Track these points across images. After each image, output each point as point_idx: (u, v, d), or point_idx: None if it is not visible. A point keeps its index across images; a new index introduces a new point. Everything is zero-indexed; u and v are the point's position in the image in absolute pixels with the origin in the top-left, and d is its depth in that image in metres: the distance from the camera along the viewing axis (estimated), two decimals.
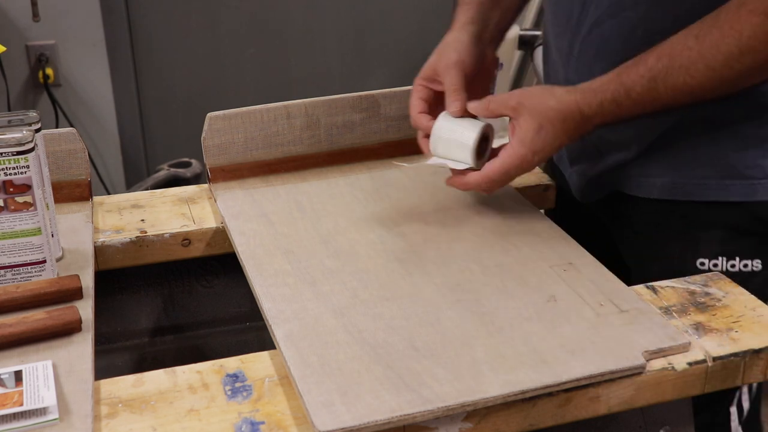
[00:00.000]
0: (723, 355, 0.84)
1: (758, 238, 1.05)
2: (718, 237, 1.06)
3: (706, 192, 1.05)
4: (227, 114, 1.19)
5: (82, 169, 1.15)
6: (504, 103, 1.02)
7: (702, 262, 1.06)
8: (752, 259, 1.05)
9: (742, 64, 0.92)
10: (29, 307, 0.90)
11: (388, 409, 0.74)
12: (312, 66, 3.02)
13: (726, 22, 0.92)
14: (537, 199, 1.22)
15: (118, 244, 1.09)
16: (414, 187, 1.17)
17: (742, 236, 1.05)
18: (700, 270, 1.05)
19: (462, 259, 0.98)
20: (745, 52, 0.91)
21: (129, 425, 0.76)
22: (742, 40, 0.91)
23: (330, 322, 0.87)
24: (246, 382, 0.82)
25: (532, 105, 1.00)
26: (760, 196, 1.03)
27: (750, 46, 0.91)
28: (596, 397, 0.81)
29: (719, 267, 1.05)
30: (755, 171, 1.03)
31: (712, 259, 1.06)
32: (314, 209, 1.12)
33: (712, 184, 1.05)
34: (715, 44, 0.92)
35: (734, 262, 1.05)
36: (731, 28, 0.91)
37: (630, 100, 0.97)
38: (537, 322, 0.87)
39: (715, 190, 1.05)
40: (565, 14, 1.10)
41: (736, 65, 0.92)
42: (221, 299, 1.23)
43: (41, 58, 2.70)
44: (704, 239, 1.06)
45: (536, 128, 0.99)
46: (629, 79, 0.97)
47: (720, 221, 1.05)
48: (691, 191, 1.06)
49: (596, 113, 0.99)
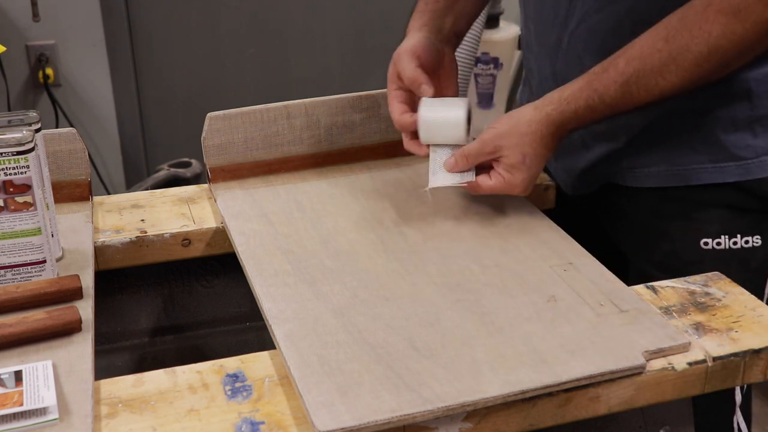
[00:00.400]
0: (723, 355, 0.84)
1: (756, 215, 1.08)
2: (718, 217, 1.08)
3: (701, 176, 1.08)
4: (227, 114, 1.19)
5: (82, 169, 1.15)
6: (481, 151, 1.04)
7: (705, 242, 1.09)
8: (752, 235, 1.09)
9: (711, 63, 0.94)
10: (29, 307, 0.90)
11: (388, 409, 0.74)
12: (312, 66, 3.02)
13: (695, 24, 0.93)
14: (537, 199, 1.22)
15: (118, 244, 1.09)
16: (414, 187, 1.17)
17: (741, 214, 1.08)
18: (703, 250, 1.08)
19: (462, 259, 0.98)
20: (713, 52, 0.93)
21: (129, 425, 0.76)
22: (711, 41, 0.93)
23: (330, 322, 0.87)
24: (246, 382, 0.82)
25: (509, 143, 1.02)
26: (753, 174, 1.07)
27: (719, 46, 0.93)
28: (596, 397, 0.81)
29: (722, 245, 1.08)
30: (747, 152, 1.06)
31: (715, 238, 1.09)
32: (314, 209, 1.12)
33: (707, 168, 1.07)
34: (685, 45, 0.94)
35: (736, 240, 1.08)
36: (700, 29, 0.93)
37: (604, 105, 1.00)
38: (537, 322, 0.87)
39: (710, 173, 1.07)
40: (551, 10, 1.11)
41: (706, 65, 0.94)
42: (221, 299, 1.23)
43: (41, 58, 2.69)
44: (704, 220, 1.09)
45: (521, 160, 1.02)
46: (601, 84, 0.99)
47: (718, 202, 1.08)
48: (687, 177, 1.08)
49: (571, 120, 1.01)
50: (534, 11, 1.15)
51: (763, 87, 1.04)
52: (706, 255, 1.09)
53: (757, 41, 0.93)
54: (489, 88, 2.81)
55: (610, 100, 0.99)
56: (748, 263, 1.09)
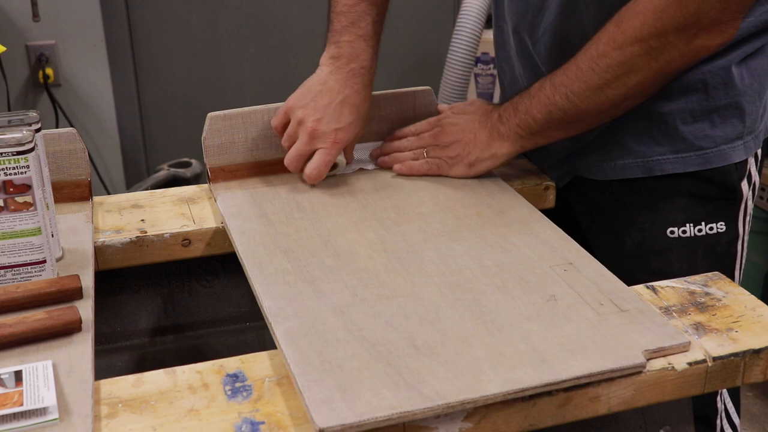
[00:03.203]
0: (723, 355, 0.84)
1: (718, 202, 1.13)
2: (682, 206, 1.13)
3: (664, 166, 1.12)
4: (227, 114, 1.19)
5: (82, 169, 1.15)
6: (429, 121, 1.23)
7: (672, 230, 1.13)
8: (716, 222, 1.13)
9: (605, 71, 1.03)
10: (29, 307, 0.91)
11: (388, 406, 0.74)
12: (312, 66, 3.01)
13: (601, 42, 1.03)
14: (537, 199, 1.22)
15: (118, 244, 1.09)
16: (414, 187, 1.17)
17: (704, 202, 1.12)
18: (670, 238, 1.13)
19: (462, 259, 0.98)
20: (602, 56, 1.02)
21: (129, 425, 0.77)
22: (600, 47, 1.02)
23: (330, 320, 0.87)
24: (246, 382, 0.82)
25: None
26: (713, 163, 1.11)
27: (605, 52, 1.02)
28: (596, 396, 0.81)
29: (688, 233, 1.12)
30: (706, 141, 1.10)
31: (681, 226, 1.13)
32: (314, 209, 1.12)
33: (668, 158, 1.11)
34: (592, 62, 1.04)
35: (701, 227, 1.13)
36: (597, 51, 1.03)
37: (538, 125, 1.10)
38: (537, 321, 0.87)
39: (672, 163, 1.11)
40: (520, 16, 1.16)
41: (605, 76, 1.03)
42: (221, 299, 1.23)
43: (41, 58, 2.70)
44: (670, 209, 1.13)
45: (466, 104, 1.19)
46: (530, 111, 1.10)
47: (682, 191, 1.12)
48: (650, 168, 1.12)
49: (510, 117, 1.12)
50: (507, 12, 1.19)
51: (718, 79, 1.08)
52: (672, 243, 1.13)
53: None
54: (489, 88, 2.81)
55: (543, 124, 1.10)
56: (714, 249, 1.13)
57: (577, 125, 1.10)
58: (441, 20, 3.03)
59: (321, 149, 1.14)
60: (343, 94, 1.15)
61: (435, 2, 3.04)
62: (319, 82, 1.17)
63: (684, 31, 0.98)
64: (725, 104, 1.09)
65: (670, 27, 0.97)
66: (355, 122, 1.16)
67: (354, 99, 1.16)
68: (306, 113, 1.14)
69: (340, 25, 1.18)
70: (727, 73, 1.08)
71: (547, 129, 1.10)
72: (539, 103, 1.08)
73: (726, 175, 1.11)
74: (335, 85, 1.15)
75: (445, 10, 3.04)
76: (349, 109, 1.15)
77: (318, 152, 1.14)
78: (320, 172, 1.15)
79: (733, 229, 1.14)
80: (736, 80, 1.08)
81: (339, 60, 1.16)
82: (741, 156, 1.12)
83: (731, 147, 1.11)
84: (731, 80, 1.08)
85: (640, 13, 0.98)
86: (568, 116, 1.07)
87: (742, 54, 1.08)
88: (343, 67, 1.16)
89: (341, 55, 1.17)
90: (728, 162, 1.11)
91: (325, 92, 1.15)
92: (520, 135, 1.12)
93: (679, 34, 0.98)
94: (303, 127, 1.14)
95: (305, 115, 1.14)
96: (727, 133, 1.10)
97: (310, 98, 1.15)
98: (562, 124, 1.09)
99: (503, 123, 1.13)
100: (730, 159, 1.11)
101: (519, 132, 1.12)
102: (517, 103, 1.12)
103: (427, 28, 3.04)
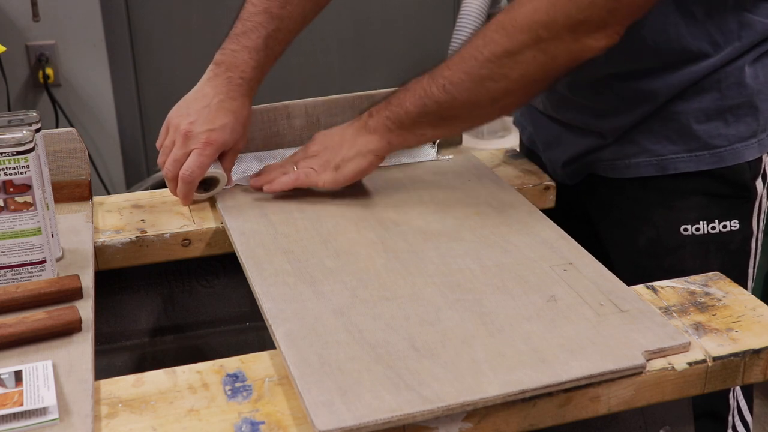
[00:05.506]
0: (723, 355, 0.84)
1: (732, 200, 1.13)
2: (696, 204, 1.13)
3: (678, 165, 1.12)
4: None
5: (82, 169, 1.15)
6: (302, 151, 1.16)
7: (685, 228, 1.13)
8: (730, 219, 1.13)
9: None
10: (29, 307, 0.91)
11: (388, 408, 0.74)
12: (312, 66, 3.02)
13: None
14: (537, 199, 1.22)
15: (118, 244, 1.09)
16: (414, 187, 1.17)
17: (718, 200, 1.13)
18: (683, 236, 1.13)
19: (462, 259, 0.98)
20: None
21: (129, 425, 0.77)
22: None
23: (330, 321, 0.87)
24: (246, 382, 0.82)
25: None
26: (727, 162, 1.11)
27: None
28: (596, 397, 0.81)
29: (701, 231, 1.13)
30: (719, 140, 1.11)
31: (694, 224, 1.13)
32: (314, 209, 1.12)
33: (683, 157, 1.12)
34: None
35: (714, 225, 1.13)
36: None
37: (410, 118, 1.07)
38: (537, 321, 0.87)
39: (686, 162, 1.12)
40: None
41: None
42: (221, 299, 1.23)
43: (41, 58, 2.70)
44: (683, 207, 1.13)
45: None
46: (403, 103, 1.07)
47: (695, 189, 1.13)
48: (664, 166, 1.13)
49: (381, 110, 1.09)
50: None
51: (732, 78, 1.09)
52: (686, 240, 1.13)
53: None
54: None
55: (415, 117, 1.07)
56: (727, 246, 1.14)
57: (451, 122, 1.07)
58: (441, 20, 3.03)
59: (194, 150, 1.12)
60: (218, 98, 1.14)
61: (435, 2, 3.04)
62: (195, 91, 1.17)
63: (574, 26, 0.96)
64: (739, 103, 1.09)
65: (562, 18, 0.95)
66: (231, 125, 1.14)
67: (230, 104, 1.14)
68: (180, 119, 1.14)
69: (234, 32, 1.18)
70: (741, 72, 1.08)
71: (418, 123, 1.06)
72: (414, 95, 1.05)
73: (740, 173, 1.12)
74: (210, 90, 1.15)
75: (445, 10, 3.04)
76: (224, 112, 1.14)
77: (192, 153, 1.12)
78: (193, 173, 1.11)
79: (747, 227, 1.14)
80: (749, 79, 1.09)
81: (219, 67, 1.16)
82: (755, 154, 1.12)
83: (745, 145, 1.11)
84: (744, 79, 1.09)
85: (534, 0, 0.97)
86: (443, 109, 1.04)
87: (756, 54, 1.09)
88: (221, 74, 1.16)
89: (222, 62, 1.17)
90: (742, 160, 1.11)
91: (200, 98, 1.15)
92: (389, 128, 1.08)
93: (569, 28, 0.96)
94: (177, 132, 1.13)
95: (180, 121, 1.14)
96: (741, 131, 1.10)
97: (185, 106, 1.16)
98: (435, 119, 1.06)
99: (372, 116, 1.10)
100: (744, 157, 1.11)
101: (388, 124, 1.08)
102: (391, 97, 1.09)
103: (427, 28, 3.04)
